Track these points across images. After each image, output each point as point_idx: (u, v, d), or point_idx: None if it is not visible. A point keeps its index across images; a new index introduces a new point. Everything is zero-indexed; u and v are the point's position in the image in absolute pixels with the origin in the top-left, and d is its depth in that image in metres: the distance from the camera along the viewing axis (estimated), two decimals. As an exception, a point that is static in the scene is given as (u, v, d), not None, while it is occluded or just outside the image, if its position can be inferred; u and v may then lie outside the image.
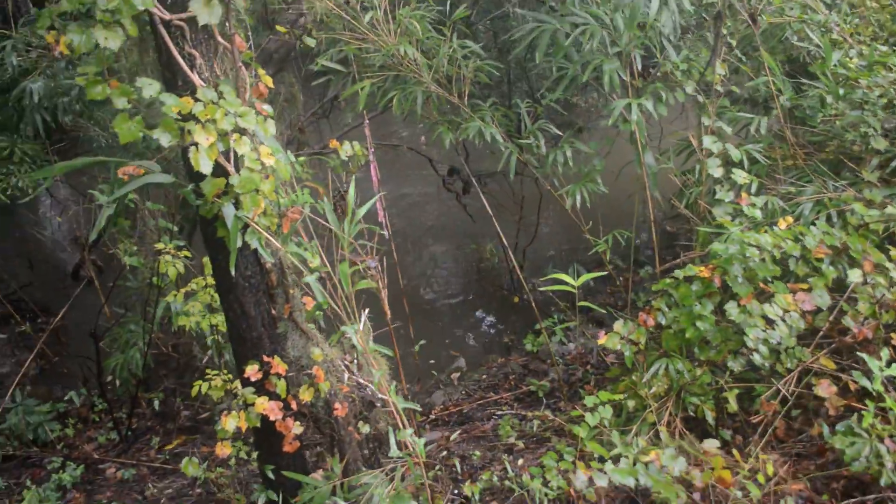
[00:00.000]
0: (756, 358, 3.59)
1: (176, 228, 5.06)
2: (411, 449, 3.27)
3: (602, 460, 3.20)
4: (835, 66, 4.63)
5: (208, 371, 4.27)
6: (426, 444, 4.17)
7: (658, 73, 4.82)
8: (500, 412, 5.15)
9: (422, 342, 5.50)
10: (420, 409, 5.25)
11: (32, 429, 5.50)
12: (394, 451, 3.19)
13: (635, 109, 4.47)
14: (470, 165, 6.08)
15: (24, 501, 4.75)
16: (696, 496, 3.08)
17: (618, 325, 4.13)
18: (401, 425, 3.40)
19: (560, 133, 5.05)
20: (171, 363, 5.96)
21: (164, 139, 2.54)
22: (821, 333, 3.82)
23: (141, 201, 4.86)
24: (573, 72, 4.60)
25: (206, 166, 2.56)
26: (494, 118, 4.86)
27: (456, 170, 7.49)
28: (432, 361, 6.48)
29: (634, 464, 2.99)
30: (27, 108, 4.98)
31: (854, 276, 3.62)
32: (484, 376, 6.02)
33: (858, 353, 3.50)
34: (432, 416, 5.30)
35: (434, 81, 4.65)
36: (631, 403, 4.07)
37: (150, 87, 2.52)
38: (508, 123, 5.19)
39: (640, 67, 4.62)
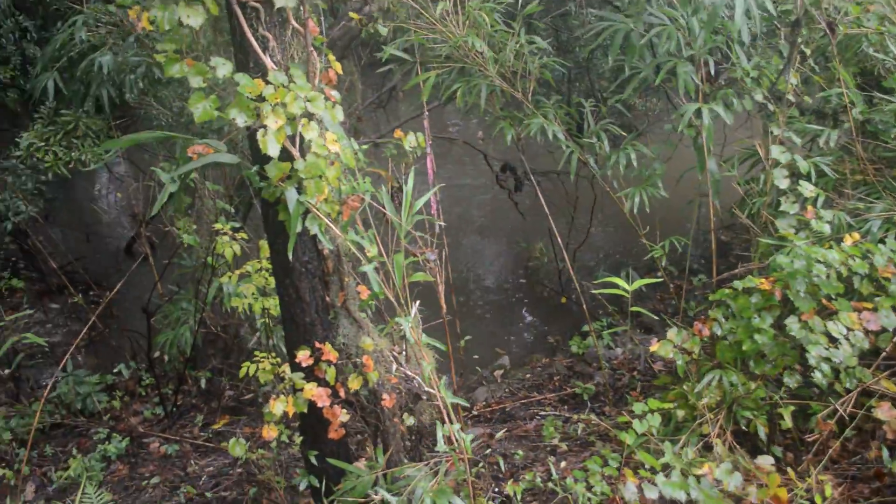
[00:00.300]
0: (817, 376, 3.49)
1: (233, 210, 5.10)
2: (457, 444, 3.25)
3: (651, 470, 3.13)
4: (912, 80, 4.48)
5: (256, 353, 4.29)
6: (472, 439, 4.15)
7: (726, 80, 4.71)
8: (543, 412, 5.10)
9: (467, 337, 5.48)
10: (468, 404, 5.23)
11: (81, 399, 5.60)
12: (440, 445, 3.17)
13: (706, 114, 4.37)
14: (524, 163, 6.02)
15: (69, 469, 4.85)
16: (748, 513, 3.00)
17: (671, 334, 4.05)
18: (447, 420, 3.38)
19: (624, 134, 4.96)
20: (218, 343, 6.02)
21: (240, 119, 2.54)
22: (883, 355, 3.70)
23: (200, 181, 4.91)
24: (646, 73, 4.52)
25: (273, 149, 2.56)
26: (557, 116, 4.80)
27: (510, 166, 7.45)
28: (476, 357, 6.45)
29: (686, 477, 2.92)
30: (94, 82, 5.05)
31: (923, 297, 3.50)
32: (528, 375, 5.97)
33: (924, 377, 3.39)
34: (475, 412, 5.27)
35: (499, 76, 4.61)
36: (680, 413, 3.99)
37: (223, 67, 2.52)
38: (570, 122, 5.12)
39: (713, 72, 4.52)
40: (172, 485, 4.83)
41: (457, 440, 3.20)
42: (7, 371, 5.94)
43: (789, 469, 3.41)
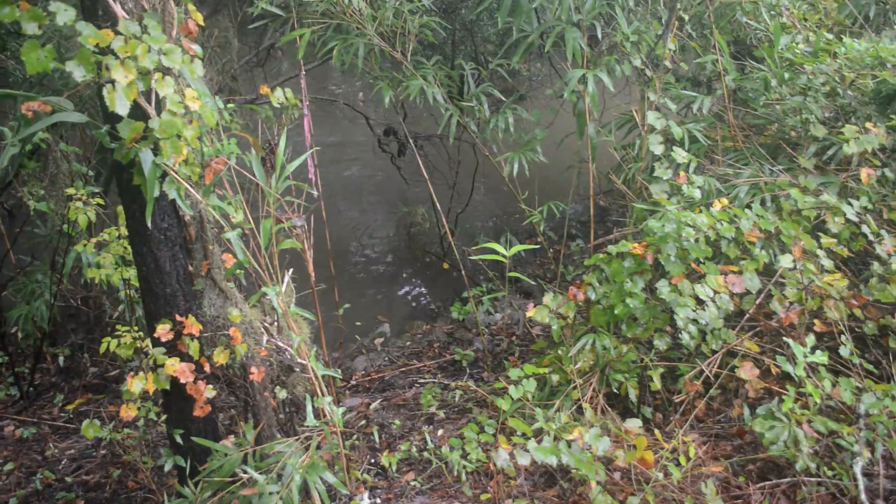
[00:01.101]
0: (684, 337, 3.59)
1: (92, 174, 4.73)
2: (329, 417, 3.15)
3: (524, 436, 3.13)
4: (781, 50, 4.62)
5: (119, 327, 4.02)
6: (345, 412, 4.05)
7: (608, 45, 4.73)
8: (422, 380, 5.06)
9: (346, 306, 5.36)
10: (340, 376, 5.12)
11: (-77, 379, 5.14)
12: (310, 419, 3.05)
13: (591, 81, 4.37)
14: (406, 126, 5.90)
15: None
16: (617, 475, 3.05)
17: (547, 299, 4.07)
18: (319, 392, 3.26)
19: (504, 98, 4.91)
20: (79, 317, 5.64)
21: (78, 73, 2.29)
22: (747, 316, 3.85)
23: (54, 142, 4.52)
24: (534, 38, 4.47)
25: (122, 107, 2.33)
26: (437, 78, 4.70)
27: (392, 129, 7.31)
28: (358, 324, 6.34)
29: (557, 441, 2.93)
30: None
31: (784, 261, 3.64)
32: (408, 343, 5.91)
33: (784, 337, 3.53)
34: (353, 382, 5.17)
35: (378, 35, 4.45)
36: (555, 378, 4.03)
37: (65, 14, 2.26)
38: (451, 85, 5.03)
39: (599, 37, 4.52)
40: (29, 470, 4.51)
41: (328, 413, 3.10)
42: None
43: (657, 430, 3.50)
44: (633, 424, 3.15)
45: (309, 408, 3.05)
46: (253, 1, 4.69)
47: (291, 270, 3.32)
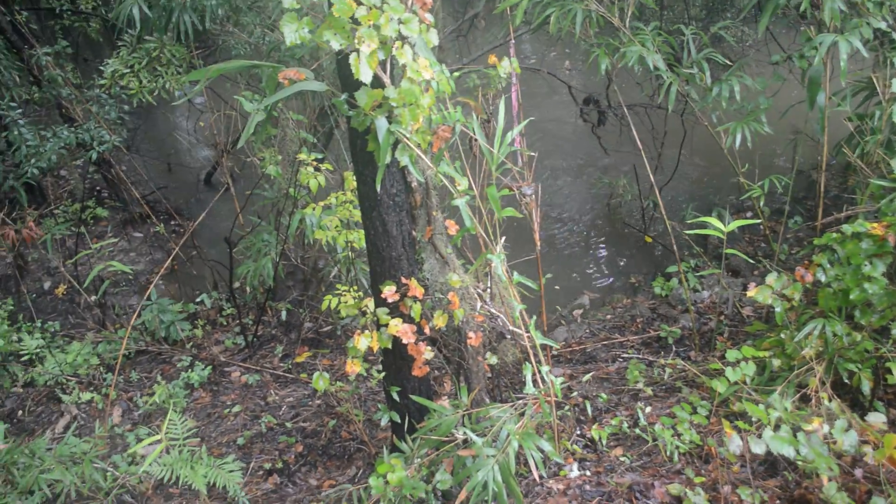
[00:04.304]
0: (932, 328, 3.25)
1: (315, 141, 5.01)
2: (545, 386, 3.14)
3: (750, 422, 2.97)
4: None
5: (338, 287, 4.24)
6: (563, 381, 4.04)
7: (846, 3, 4.32)
8: (626, 355, 4.95)
9: (548, 275, 5.35)
10: (558, 346, 5.11)
11: (165, 327, 5.70)
12: (528, 387, 3.06)
13: (844, 47, 4.00)
14: (618, 94, 5.72)
15: (154, 395, 4.96)
16: (858, 472, 2.83)
17: (770, 278, 3.82)
18: (534, 361, 3.27)
19: (729, 63, 4.62)
20: (297, 275, 6.03)
21: (335, 42, 2.40)
22: None
23: (284, 111, 4.81)
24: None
25: (366, 75, 2.41)
26: (655, 44, 4.50)
27: (593, 98, 7.15)
28: (555, 295, 6.31)
29: (795, 433, 2.75)
30: (175, 9, 4.97)
31: None
32: (608, 316, 5.81)
33: None
34: (554, 353, 5.16)
35: (595, 0, 4.33)
36: (776, 363, 3.79)
37: (316, -14, 2.37)
38: (669, 52, 4.80)
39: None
40: (253, 413, 4.90)
41: (545, 382, 3.10)
42: (94, 298, 6.08)
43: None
44: (877, 419, 2.89)
45: (528, 375, 3.06)
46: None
47: (504, 238, 3.34)
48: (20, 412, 5.18)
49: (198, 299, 6.16)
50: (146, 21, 5.12)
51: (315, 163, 4.14)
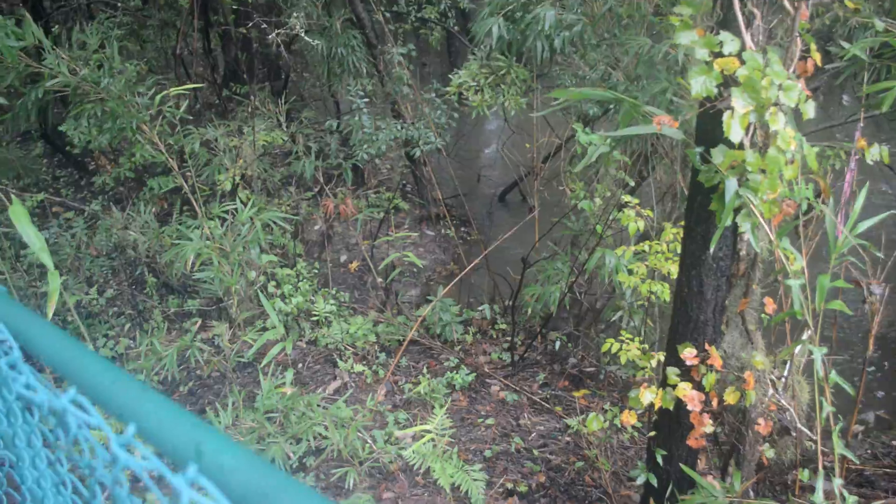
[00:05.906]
0: None
1: (633, 184, 5.01)
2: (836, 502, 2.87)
3: None
4: None
5: (622, 333, 4.21)
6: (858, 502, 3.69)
7: None
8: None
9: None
10: (857, 461, 4.67)
11: (441, 325, 6.01)
12: (818, 498, 2.82)
13: None
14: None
15: (419, 386, 5.23)
16: None
17: None
18: (825, 470, 2.99)
19: None
20: (573, 309, 6.06)
21: (697, 86, 2.41)
22: None
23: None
24: None
25: (736, 134, 2.38)
26: None
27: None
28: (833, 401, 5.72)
29: None
30: (531, 33, 5.21)
31: None
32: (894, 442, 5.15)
33: None
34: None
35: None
36: None
37: (731, 44, 2.38)
38: None
39: None
40: (504, 431, 5.00)
41: (839, 498, 2.83)
42: (380, 281, 6.58)
43: None
44: None
45: (819, 485, 2.82)
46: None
47: (810, 331, 3.09)
48: (300, 364, 5.73)
49: (480, 307, 6.41)
50: (500, 39, 5.44)
51: (638, 207, 4.15)
